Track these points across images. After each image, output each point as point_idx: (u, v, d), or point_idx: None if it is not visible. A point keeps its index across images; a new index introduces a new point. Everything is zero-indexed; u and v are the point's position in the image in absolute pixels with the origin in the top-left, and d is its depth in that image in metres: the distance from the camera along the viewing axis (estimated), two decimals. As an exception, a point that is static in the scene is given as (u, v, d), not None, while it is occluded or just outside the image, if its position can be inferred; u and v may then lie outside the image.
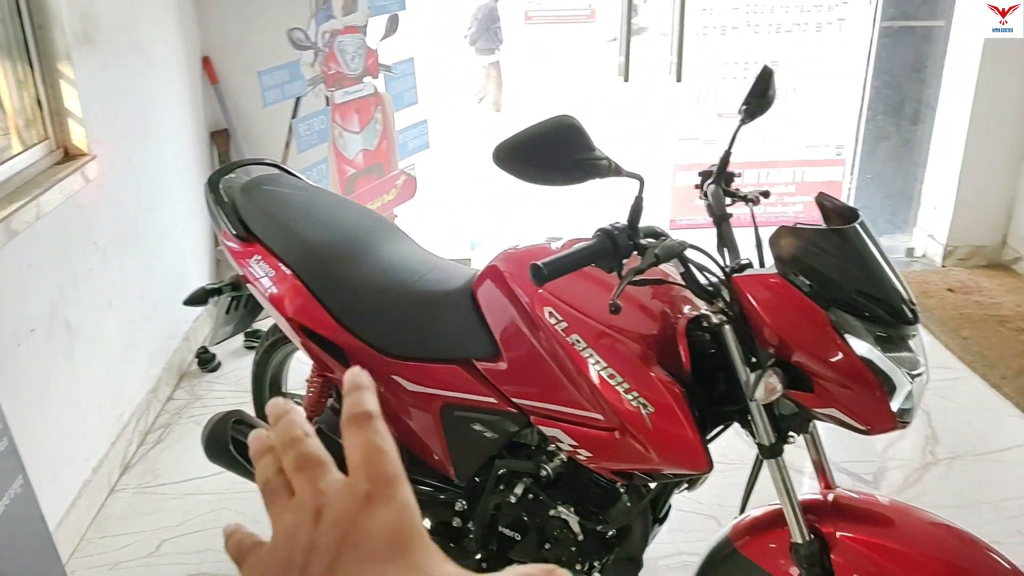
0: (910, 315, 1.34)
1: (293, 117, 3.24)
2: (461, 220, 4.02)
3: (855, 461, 2.76)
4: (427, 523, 1.97)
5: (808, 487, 2.08)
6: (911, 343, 1.37)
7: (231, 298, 2.26)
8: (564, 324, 1.53)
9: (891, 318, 1.34)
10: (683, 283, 1.43)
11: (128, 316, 2.87)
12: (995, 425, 3.00)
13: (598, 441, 1.56)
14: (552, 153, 1.26)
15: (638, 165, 1.39)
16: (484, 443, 1.78)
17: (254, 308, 2.40)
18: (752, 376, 1.36)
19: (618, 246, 1.33)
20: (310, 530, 0.42)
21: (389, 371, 1.87)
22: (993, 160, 4.08)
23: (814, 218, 1.47)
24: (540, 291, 1.56)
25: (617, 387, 1.48)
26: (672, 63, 3.82)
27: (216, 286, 2.19)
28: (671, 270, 1.46)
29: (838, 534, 1.46)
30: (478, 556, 1.88)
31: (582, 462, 1.62)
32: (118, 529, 2.49)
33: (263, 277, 2.02)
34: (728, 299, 1.41)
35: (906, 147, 4.30)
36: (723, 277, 1.42)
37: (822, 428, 1.51)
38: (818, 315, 1.31)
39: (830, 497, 1.53)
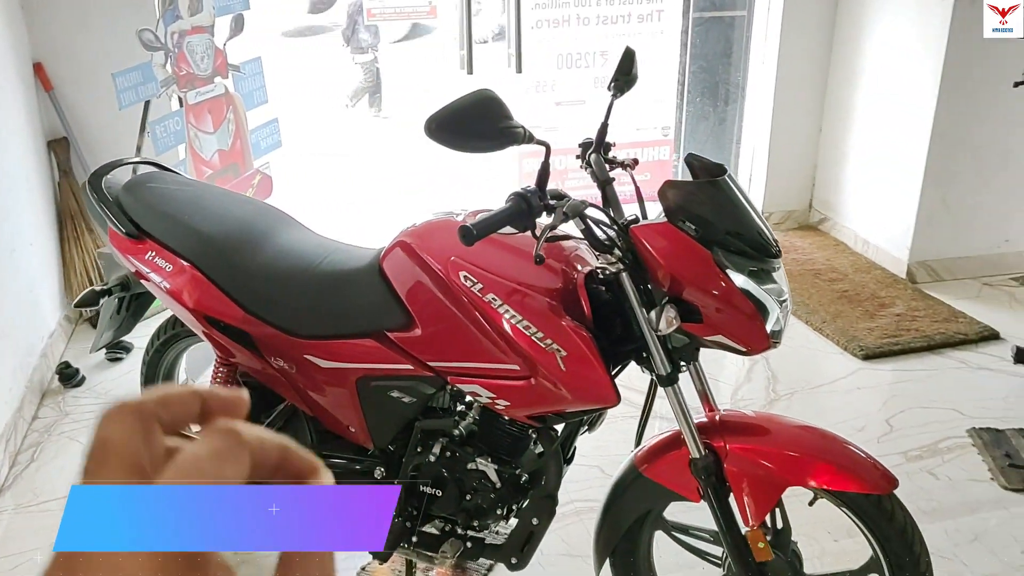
0: (774, 250, 1.60)
1: (143, 120, 3.18)
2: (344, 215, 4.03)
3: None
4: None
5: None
6: (775, 275, 1.62)
7: (118, 300, 2.24)
8: (480, 285, 1.67)
9: (759, 254, 1.59)
10: (583, 239, 1.62)
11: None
12: (822, 362, 3.42)
13: (516, 390, 1.72)
14: (477, 123, 1.41)
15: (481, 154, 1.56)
16: (402, 408, 1.90)
17: (136, 311, 2.38)
18: (653, 312, 1.57)
19: (532, 207, 1.50)
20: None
21: (302, 351, 1.94)
22: (796, 133, 4.59)
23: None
24: (452, 258, 1.70)
25: (532, 336, 1.65)
26: (511, 55, 4.03)
27: (106, 287, 2.17)
28: (571, 228, 1.65)
29: (727, 446, 1.70)
30: (400, 517, 1.99)
31: (500, 412, 1.78)
32: (5, 551, 2.40)
33: (159, 272, 2.03)
34: (623, 249, 1.61)
35: (722, 125, 4.75)
36: (619, 230, 1.61)
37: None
38: (703, 255, 1.54)
39: (717, 418, 1.77)
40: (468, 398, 1.91)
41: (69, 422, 3.01)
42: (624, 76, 1.86)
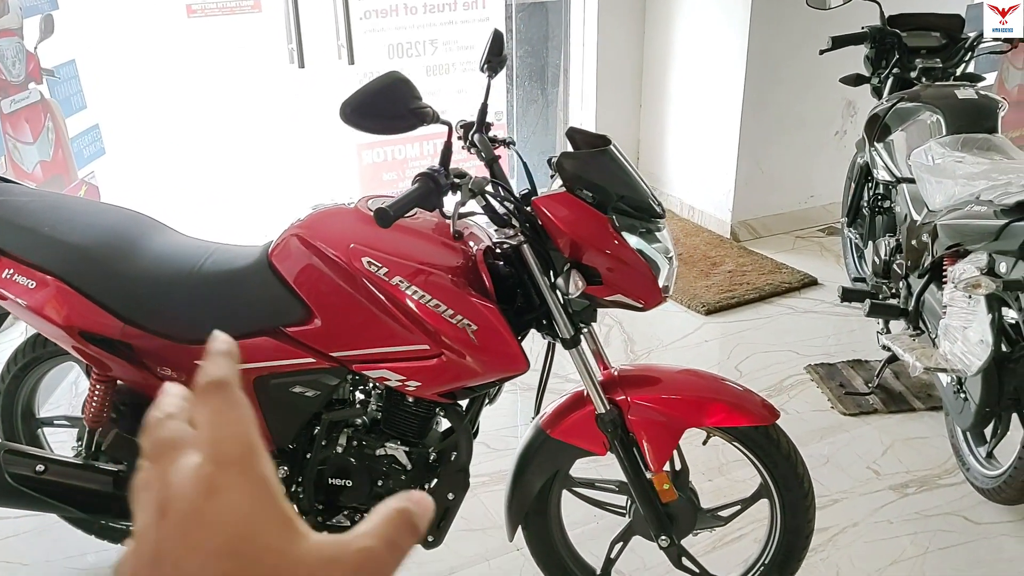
0: (659, 211, 1.72)
1: (-49, 133, 2.90)
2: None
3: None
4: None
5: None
6: (661, 235, 1.75)
7: (-30, 325, 2.06)
8: (384, 269, 1.69)
9: (647, 215, 1.71)
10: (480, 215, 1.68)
11: None
12: (671, 321, 3.66)
13: (426, 369, 1.75)
14: (388, 105, 1.43)
15: (320, 147, 1.60)
16: (305, 403, 1.87)
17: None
18: (560, 278, 1.65)
19: (440, 186, 1.54)
20: (155, 534, 0.37)
21: (190, 357, 1.87)
22: (619, 110, 4.84)
23: None
24: (352, 245, 1.71)
25: (442, 314, 1.68)
26: (342, 47, 3.99)
27: (-43, 312, 1.99)
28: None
29: (629, 399, 1.81)
30: (310, 513, 1.97)
31: (411, 393, 1.80)
32: None
33: (18, 290, 1.88)
34: (522, 221, 1.68)
35: (550, 107, 4.92)
36: (518, 203, 1.68)
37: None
38: (601, 219, 1.64)
39: (614, 374, 1.88)
40: (370, 385, 1.92)
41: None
42: (496, 57, 1.92)
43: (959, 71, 3.08)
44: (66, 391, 2.95)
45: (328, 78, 4.06)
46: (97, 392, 1.98)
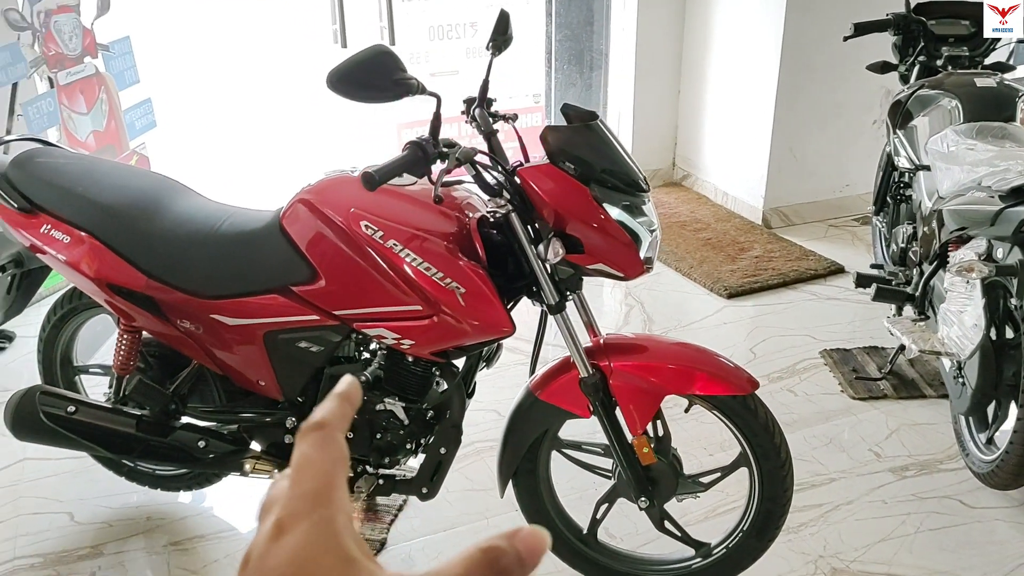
0: (644, 185, 1.80)
1: (12, 102, 3.11)
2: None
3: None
4: (258, 447, 2.16)
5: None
6: (645, 208, 1.83)
7: (11, 277, 2.25)
8: (380, 233, 1.80)
9: (631, 189, 1.79)
10: (474, 184, 1.78)
11: None
12: (692, 302, 3.71)
13: (419, 329, 1.87)
14: (374, 75, 1.54)
15: (363, 125, 1.71)
16: (310, 358, 2.01)
17: (27, 290, 2.39)
18: (541, 245, 1.74)
19: (427, 154, 1.65)
20: None
21: (208, 311, 2.02)
22: (657, 97, 4.88)
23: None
24: (352, 209, 1.83)
25: (433, 277, 1.79)
26: (384, 28, 4.12)
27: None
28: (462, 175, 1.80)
29: (612, 365, 1.90)
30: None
31: (406, 351, 1.92)
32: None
33: (56, 244, 2.06)
34: (511, 191, 1.78)
35: (589, 91, 4.99)
36: (507, 174, 1.78)
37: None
38: (582, 191, 1.73)
39: (601, 342, 1.97)
40: (373, 344, 2.04)
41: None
42: (501, 36, 2.01)
43: (987, 60, 3.07)
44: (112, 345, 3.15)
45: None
46: (124, 341, 2.15)
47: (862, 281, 3.01)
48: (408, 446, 2.06)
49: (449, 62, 4.40)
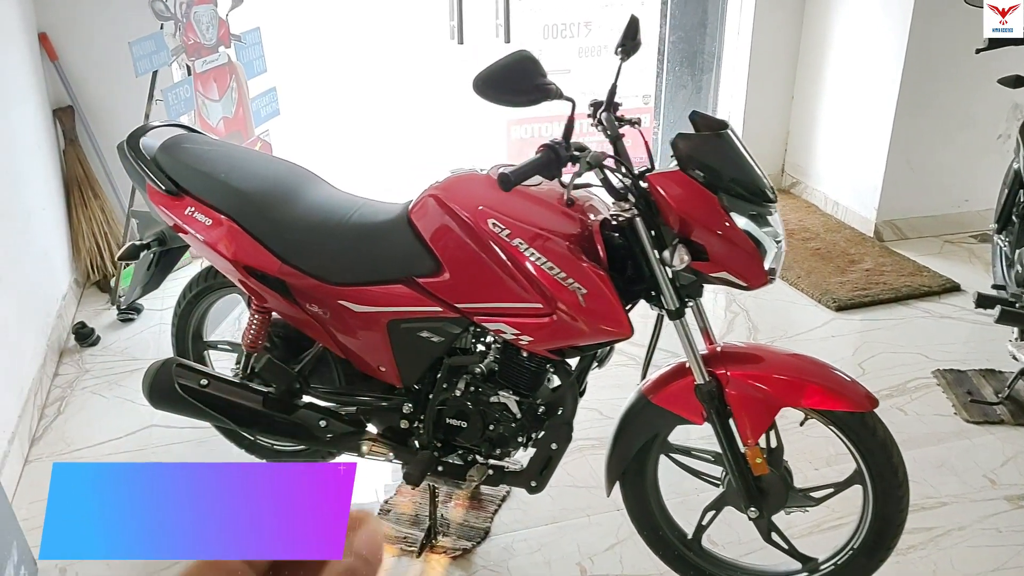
0: (771, 196, 1.80)
1: (152, 88, 3.30)
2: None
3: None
4: (374, 430, 2.24)
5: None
6: (772, 219, 1.82)
7: (153, 254, 2.39)
8: (507, 231, 1.85)
9: (758, 199, 1.79)
10: (600, 188, 1.81)
11: (15, 296, 2.86)
12: (799, 313, 3.66)
13: (538, 326, 1.91)
14: (516, 80, 1.59)
15: (475, 121, 1.75)
16: (430, 347, 2.08)
17: (165, 267, 2.53)
18: (667, 251, 1.76)
19: (560, 157, 1.68)
20: None
21: (336, 297, 2.11)
22: (769, 101, 4.80)
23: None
24: (480, 207, 1.88)
25: (555, 276, 1.83)
26: (500, 26, 4.18)
27: (145, 242, 2.31)
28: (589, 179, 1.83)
29: (728, 373, 1.90)
30: (428, 448, 2.18)
31: (523, 347, 1.96)
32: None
33: (198, 226, 2.18)
34: (637, 196, 1.80)
35: (699, 94, 4.95)
36: (634, 179, 1.80)
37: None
38: (711, 199, 1.73)
39: (718, 349, 1.97)
40: (490, 338, 2.09)
41: (89, 378, 3.15)
42: (630, 41, 2.04)
43: None
44: (231, 323, 3.31)
45: (485, 55, 4.28)
46: (255, 321, 2.26)
47: (984, 302, 2.91)
48: (519, 439, 2.11)
49: (562, 61, 4.43)
